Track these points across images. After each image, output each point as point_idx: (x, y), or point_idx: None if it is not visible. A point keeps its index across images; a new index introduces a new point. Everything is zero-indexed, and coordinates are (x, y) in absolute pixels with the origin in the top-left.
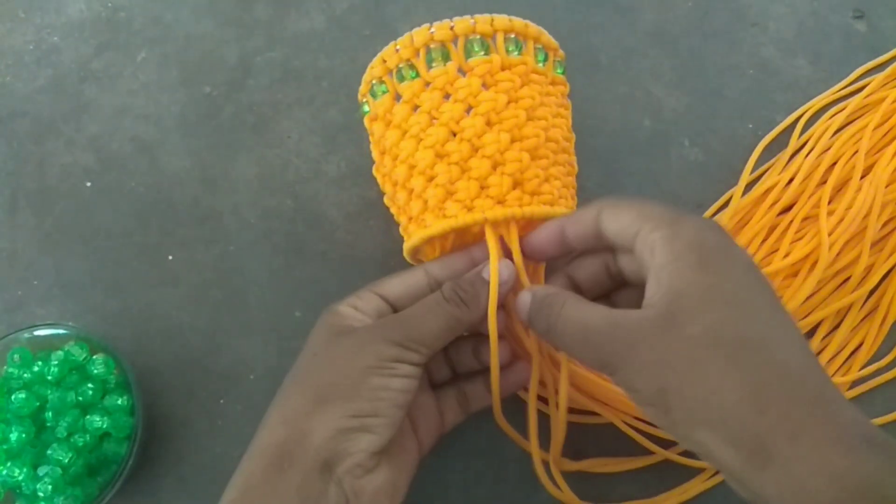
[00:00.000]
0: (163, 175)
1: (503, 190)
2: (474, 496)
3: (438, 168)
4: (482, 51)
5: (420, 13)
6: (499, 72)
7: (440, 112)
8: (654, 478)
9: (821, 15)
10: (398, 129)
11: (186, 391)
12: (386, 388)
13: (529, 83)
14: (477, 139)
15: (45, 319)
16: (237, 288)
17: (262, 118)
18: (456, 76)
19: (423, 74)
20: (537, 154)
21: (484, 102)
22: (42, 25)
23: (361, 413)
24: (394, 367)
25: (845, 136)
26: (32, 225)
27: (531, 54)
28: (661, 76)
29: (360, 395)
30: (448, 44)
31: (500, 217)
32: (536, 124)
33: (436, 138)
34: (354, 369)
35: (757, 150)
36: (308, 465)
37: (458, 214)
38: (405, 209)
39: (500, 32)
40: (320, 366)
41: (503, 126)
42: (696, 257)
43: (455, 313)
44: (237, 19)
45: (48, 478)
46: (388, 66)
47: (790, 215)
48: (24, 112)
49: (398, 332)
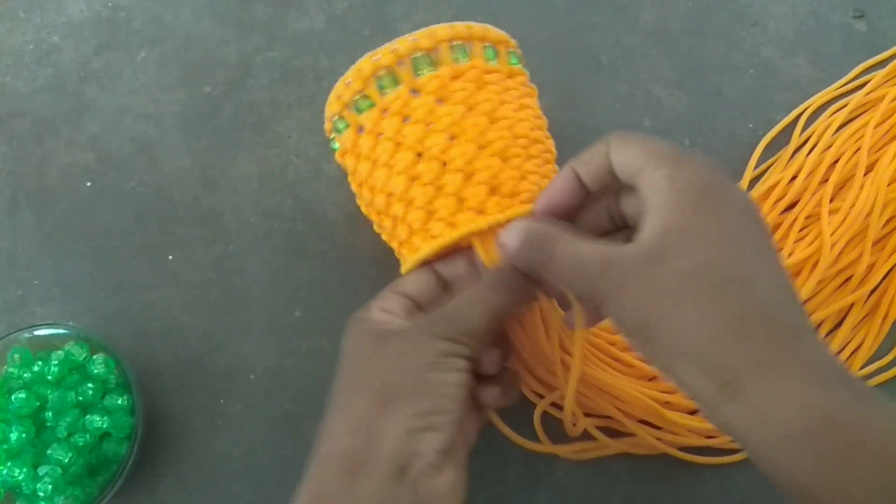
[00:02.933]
0: (163, 175)
1: (480, 199)
2: (474, 497)
3: (414, 191)
4: (430, 66)
5: (420, 13)
6: (450, 83)
7: (403, 136)
8: (654, 477)
9: (821, 15)
10: (367, 160)
11: (186, 391)
12: (446, 384)
13: (485, 86)
14: (444, 155)
15: (45, 319)
16: (237, 288)
17: (263, 118)
18: (409, 97)
19: (378, 102)
20: (507, 155)
21: (442, 118)
22: (42, 25)
23: (428, 411)
24: (449, 362)
25: (846, 133)
26: (32, 225)
27: (480, 56)
28: (661, 76)
29: (424, 393)
30: (395, 67)
31: (484, 226)
32: (500, 125)
33: (404, 163)
34: (413, 368)
35: (758, 148)
36: (382, 470)
37: (443, 233)
38: (394, 235)
39: (444, 43)
40: (377, 369)
41: (466, 136)
42: (694, 196)
43: (502, 303)
44: (237, 19)
45: (48, 477)
46: (343, 101)
47: (793, 213)
48: (24, 112)
49: (447, 328)
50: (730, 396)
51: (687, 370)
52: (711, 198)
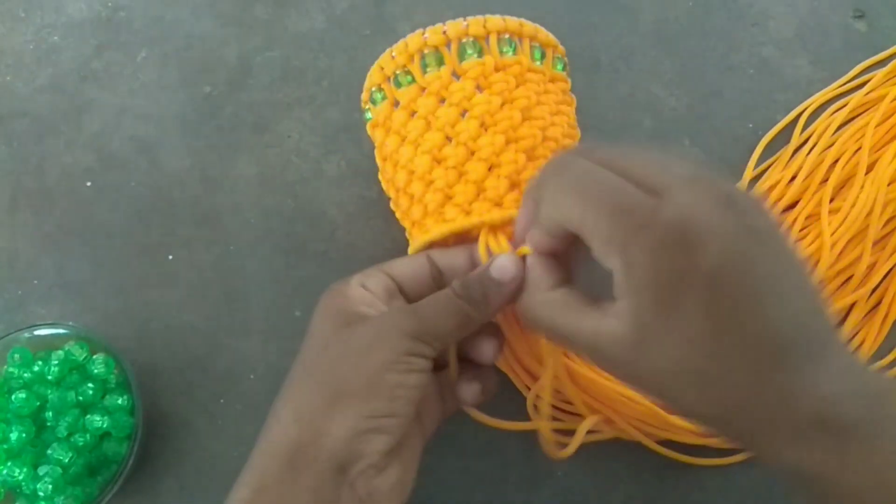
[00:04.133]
0: (163, 175)
1: (500, 192)
2: (475, 497)
3: (436, 173)
4: (476, 53)
5: (420, 13)
6: (492, 73)
7: (436, 117)
8: (654, 477)
9: (821, 14)
10: (397, 135)
11: (186, 391)
12: (402, 386)
13: (525, 83)
14: (472, 142)
15: (45, 319)
16: (237, 287)
17: (263, 118)
18: (450, 80)
19: (419, 80)
20: (534, 154)
21: (478, 105)
22: (42, 25)
23: (378, 413)
24: (409, 362)
25: (847, 133)
26: (32, 224)
27: (526, 53)
28: (661, 76)
29: (377, 394)
30: (441, 48)
31: (497, 220)
32: (533, 124)
33: (432, 143)
34: (370, 365)
35: (759, 148)
36: (322, 466)
37: (456, 218)
38: (408, 214)
39: (493, 33)
40: (333, 360)
41: (498, 128)
42: (652, 297)
43: (467, 310)
44: (237, 19)
45: (48, 477)
46: (385, 73)
47: (794, 213)
48: (24, 112)
49: (413, 324)
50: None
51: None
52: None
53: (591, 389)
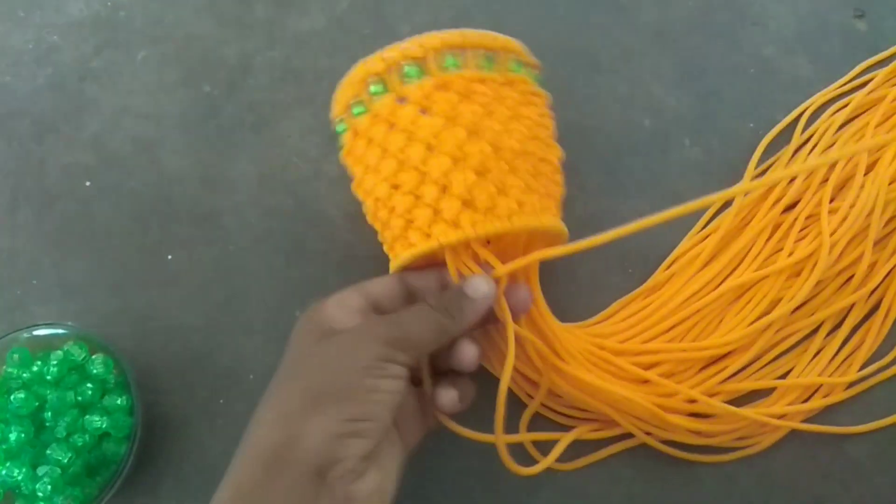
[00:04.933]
0: (163, 174)
1: (454, 213)
2: (475, 496)
3: (395, 199)
4: (416, 75)
5: (420, 13)
6: (434, 93)
7: (388, 143)
8: (654, 477)
9: (821, 14)
10: (360, 164)
11: (186, 391)
12: (378, 390)
13: (471, 96)
14: (422, 166)
15: (44, 319)
16: (237, 287)
17: (263, 118)
18: (396, 105)
19: (369, 108)
20: (484, 169)
21: (421, 129)
22: (42, 24)
23: (354, 416)
24: (384, 368)
25: (847, 133)
26: (32, 224)
27: (472, 65)
28: (661, 76)
29: (354, 398)
30: (384, 75)
31: (454, 241)
32: (481, 138)
33: (388, 170)
34: (348, 370)
35: (759, 148)
36: (301, 470)
37: (417, 243)
38: (383, 238)
39: (431, 52)
40: (313, 366)
41: (443, 149)
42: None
43: (442, 322)
44: (237, 19)
45: (47, 478)
46: (342, 104)
47: (794, 213)
48: (24, 111)
49: (389, 331)
50: None
51: None
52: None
53: (592, 391)
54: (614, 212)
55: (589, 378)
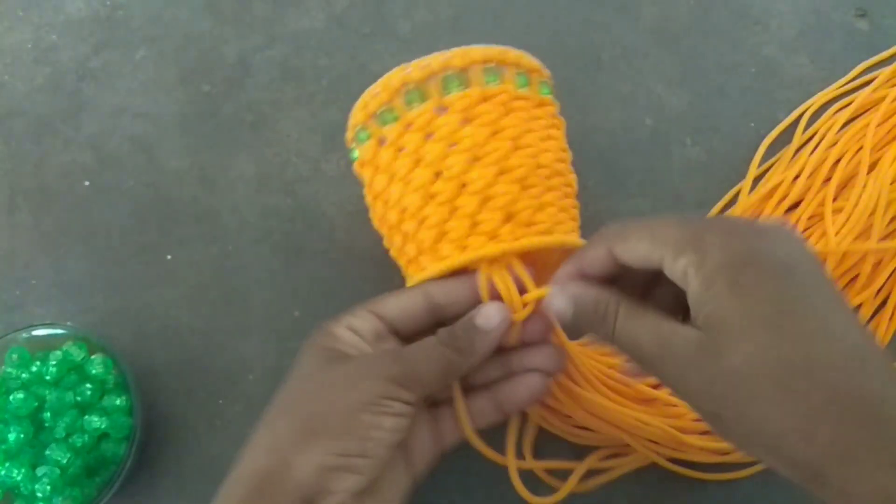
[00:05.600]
0: (161, 174)
1: (495, 225)
2: (475, 497)
3: (428, 210)
4: (460, 85)
5: (420, 12)
6: (478, 105)
7: (423, 153)
8: (657, 482)
9: (823, 13)
10: (385, 174)
11: (185, 391)
12: (377, 428)
13: (512, 111)
14: (463, 176)
15: (43, 319)
16: (236, 287)
17: (262, 117)
18: (434, 115)
19: (404, 116)
20: (527, 183)
21: (466, 138)
22: (40, 24)
23: (348, 452)
24: (387, 405)
25: (849, 132)
26: (31, 224)
27: (512, 81)
28: (662, 75)
29: (350, 433)
30: (424, 82)
31: (494, 253)
32: (523, 152)
33: (422, 180)
34: (346, 403)
35: (761, 147)
36: (288, 498)
37: (451, 255)
38: (402, 252)
39: (477, 64)
40: (310, 393)
41: (488, 160)
42: (727, 280)
43: (452, 358)
44: (236, 17)
45: (46, 478)
46: (369, 111)
47: (797, 213)
48: (23, 111)
49: (394, 369)
50: (817, 488)
51: (768, 460)
52: (745, 277)
53: (604, 415)
54: (615, 211)
55: (603, 402)
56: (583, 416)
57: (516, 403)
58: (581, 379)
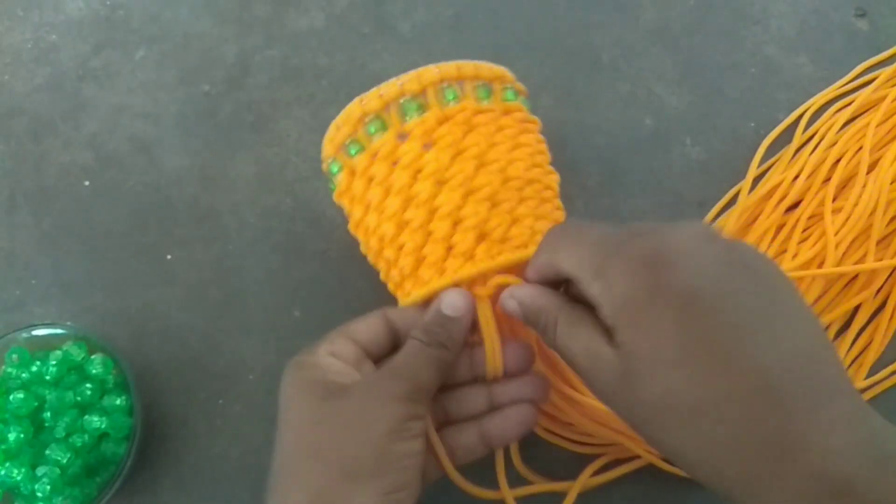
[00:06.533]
0: (161, 174)
1: (469, 246)
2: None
3: (404, 237)
4: (418, 109)
5: (420, 11)
6: (437, 128)
7: (392, 181)
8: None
9: (823, 13)
10: (361, 204)
11: (185, 391)
12: (409, 455)
13: (474, 128)
14: (432, 201)
15: (43, 319)
16: (236, 287)
17: (262, 117)
18: (397, 143)
19: (368, 146)
20: (496, 200)
21: (429, 163)
22: (40, 24)
23: (393, 488)
24: (410, 428)
25: (849, 133)
26: (30, 224)
27: (472, 95)
28: (662, 75)
29: (389, 468)
30: (381, 112)
31: (472, 274)
32: (489, 169)
33: (393, 208)
34: (375, 438)
35: (761, 147)
36: None
37: (431, 280)
38: (389, 277)
39: (430, 86)
40: (333, 436)
41: (453, 182)
42: (631, 319)
43: (441, 356)
44: (236, 17)
45: (46, 478)
46: (335, 144)
47: (796, 214)
48: (22, 111)
49: (402, 387)
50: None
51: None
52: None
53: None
54: (615, 211)
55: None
56: (584, 423)
57: (505, 436)
58: (581, 385)
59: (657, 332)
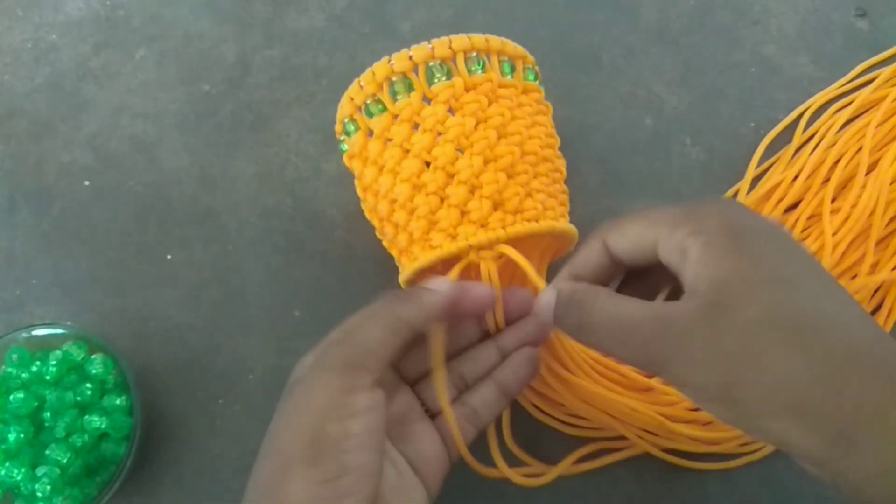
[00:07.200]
0: (161, 174)
1: (484, 213)
2: (475, 497)
3: (418, 200)
4: (444, 75)
5: (420, 11)
6: (463, 94)
7: (411, 143)
8: (655, 478)
9: (823, 13)
10: (374, 165)
11: (185, 391)
12: (346, 436)
13: (497, 100)
14: (451, 166)
15: (43, 319)
16: (236, 287)
17: (261, 117)
18: (421, 105)
19: (390, 107)
20: (514, 171)
21: (452, 128)
22: (40, 24)
23: (329, 476)
24: (347, 405)
25: (848, 133)
26: (31, 224)
27: (496, 69)
28: (662, 74)
29: (322, 453)
30: (409, 74)
31: (484, 241)
32: (510, 140)
33: (410, 170)
34: (306, 420)
35: (760, 147)
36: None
37: (442, 244)
38: (394, 242)
39: (460, 53)
40: (276, 425)
41: (475, 149)
42: (731, 242)
43: (396, 310)
44: (236, 17)
45: (46, 478)
46: (356, 104)
47: (795, 213)
48: (23, 111)
49: (340, 350)
50: (843, 452)
51: (788, 428)
52: (749, 238)
53: (596, 402)
54: (615, 211)
55: (596, 389)
56: (575, 404)
57: (519, 381)
58: (573, 366)
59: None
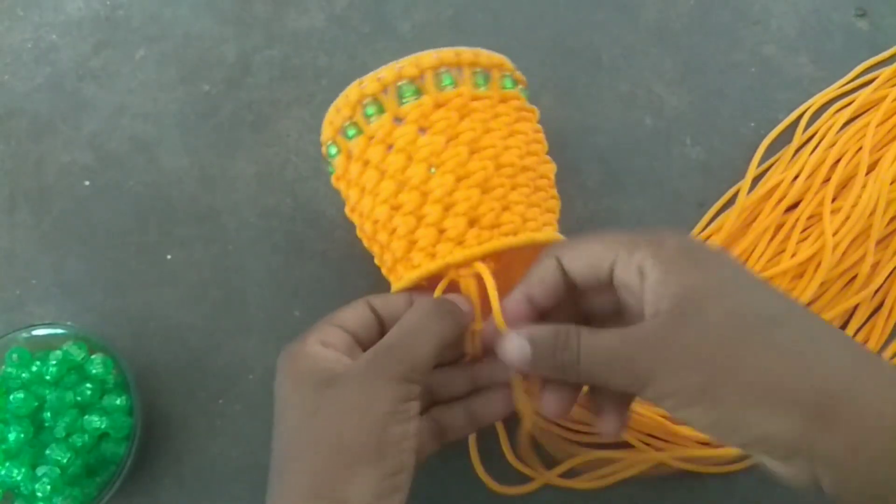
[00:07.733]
0: (161, 174)
1: (460, 231)
2: (476, 497)
3: (396, 220)
4: (415, 94)
5: (420, 11)
6: (432, 112)
7: (386, 165)
8: (656, 478)
9: (823, 13)
10: (356, 187)
11: (185, 391)
12: (406, 437)
13: (470, 114)
14: (424, 185)
15: (43, 319)
16: (236, 287)
17: (262, 116)
18: (392, 126)
19: (365, 130)
20: (489, 186)
21: (422, 148)
22: (40, 24)
23: (392, 471)
24: (406, 410)
25: (848, 133)
26: (31, 224)
27: (468, 83)
28: (662, 74)
29: (387, 452)
30: (379, 95)
31: (461, 259)
32: (483, 155)
33: (387, 191)
34: (372, 422)
35: (761, 147)
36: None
37: (422, 263)
38: (382, 261)
39: (429, 70)
40: (329, 424)
41: (445, 167)
42: (688, 261)
43: (444, 330)
44: (236, 17)
45: (47, 478)
46: (334, 127)
47: (796, 213)
48: (23, 111)
49: (399, 365)
50: (825, 426)
51: (767, 417)
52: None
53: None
54: (615, 211)
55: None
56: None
57: (491, 416)
58: None
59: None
